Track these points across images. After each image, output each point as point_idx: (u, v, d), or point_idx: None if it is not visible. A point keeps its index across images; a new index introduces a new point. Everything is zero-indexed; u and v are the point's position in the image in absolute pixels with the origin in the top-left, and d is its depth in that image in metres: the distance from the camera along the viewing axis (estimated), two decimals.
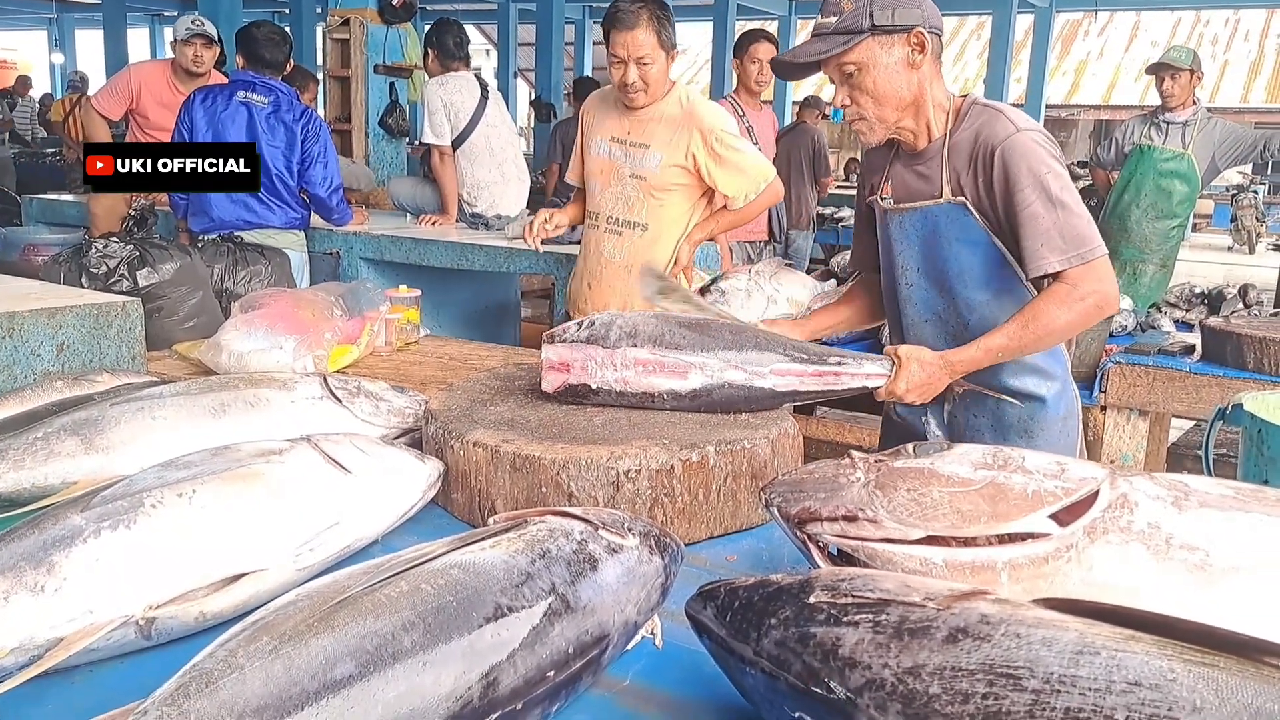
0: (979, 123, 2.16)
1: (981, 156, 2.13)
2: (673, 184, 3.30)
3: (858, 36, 2.07)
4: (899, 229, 2.30)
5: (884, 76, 2.12)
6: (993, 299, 2.22)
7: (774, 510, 1.40)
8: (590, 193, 3.43)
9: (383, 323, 2.91)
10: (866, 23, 2.06)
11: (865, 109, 2.17)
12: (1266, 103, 26.61)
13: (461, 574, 1.09)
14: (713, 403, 1.90)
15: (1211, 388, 3.42)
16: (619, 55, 3.12)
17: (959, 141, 2.18)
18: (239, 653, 0.96)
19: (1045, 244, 2.05)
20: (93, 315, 2.27)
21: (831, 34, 2.09)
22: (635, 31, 3.07)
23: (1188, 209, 5.55)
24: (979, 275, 2.22)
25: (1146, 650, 0.85)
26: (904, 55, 2.11)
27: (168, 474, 1.39)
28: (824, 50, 2.10)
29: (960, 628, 0.92)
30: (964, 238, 2.20)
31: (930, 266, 2.28)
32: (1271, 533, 1.12)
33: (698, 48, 29.23)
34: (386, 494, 1.57)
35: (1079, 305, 2.05)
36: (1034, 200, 2.06)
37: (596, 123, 3.37)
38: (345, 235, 5.22)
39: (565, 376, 1.95)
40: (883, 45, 2.09)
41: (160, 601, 1.25)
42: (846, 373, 2.00)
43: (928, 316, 2.33)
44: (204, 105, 4.49)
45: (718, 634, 1.10)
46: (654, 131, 3.29)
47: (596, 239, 3.41)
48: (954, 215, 2.19)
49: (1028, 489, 1.22)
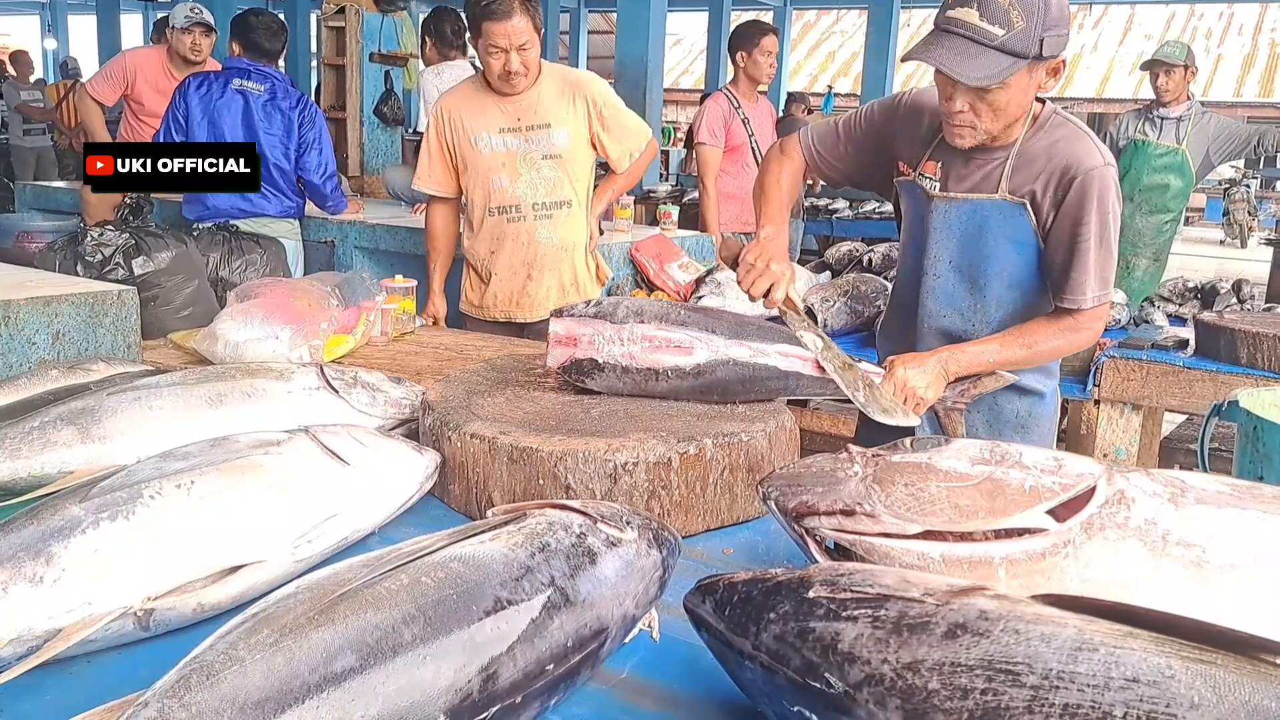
0: (1060, 136, 2.15)
1: (1062, 173, 2.11)
2: (582, 155, 3.40)
3: (1022, 61, 1.96)
4: (942, 217, 2.27)
5: (1018, 97, 2.05)
6: (1021, 298, 2.26)
7: (771, 504, 1.40)
8: (488, 189, 3.35)
9: (378, 313, 2.90)
10: (1035, 49, 1.95)
11: (981, 121, 2.08)
12: (1259, 96, 26.69)
13: (461, 567, 1.09)
14: (716, 381, 1.90)
15: (1205, 382, 3.44)
16: (499, 45, 3.11)
17: (1033, 147, 2.15)
18: (240, 645, 0.96)
19: (1088, 280, 2.11)
20: (88, 304, 2.26)
21: (997, 50, 1.94)
22: (512, 20, 3.08)
23: (1181, 204, 5.56)
24: (1018, 275, 2.24)
25: (1144, 647, 0.86)
26: (1040, 79, 2.05)
27: (166, 465, 1.39)
28: (992, 74, 1.95)
29: (959, 623, 0.92)
30: (1014, 237, 2.20)
31: (965, 260, 2.27)
32: (1268, 530, 1.13)
33: (693, 38, 29.22)
34: (384, 485, 1.57)
35: (1072, 338, 2.17)
36: (1093, 237, 2.09)
37: (468, 121, 3.31)
38: (340, 224, 5.21)
39: (572, 351, 1.95)
40: (1031, 69, 2.01)
41: (159, 593, 1.25)
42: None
43: (948, 311, 2.32)
44: (199, 92, 4.46)
45: (716, 628, 1.11)
46: (547, 110, 3.31)
47: (526, 229, 3.38)
48: (1009, 213, 2.18)
49: (1025, 485, 1.22)
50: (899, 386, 2.04)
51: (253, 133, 4.49)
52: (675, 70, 29.57)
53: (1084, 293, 2.11)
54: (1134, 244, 5.50)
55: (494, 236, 3.40)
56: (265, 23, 4.66)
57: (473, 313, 3.53)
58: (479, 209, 3.38)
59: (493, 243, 3.40)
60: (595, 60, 22.25)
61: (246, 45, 4.60)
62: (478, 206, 3.38)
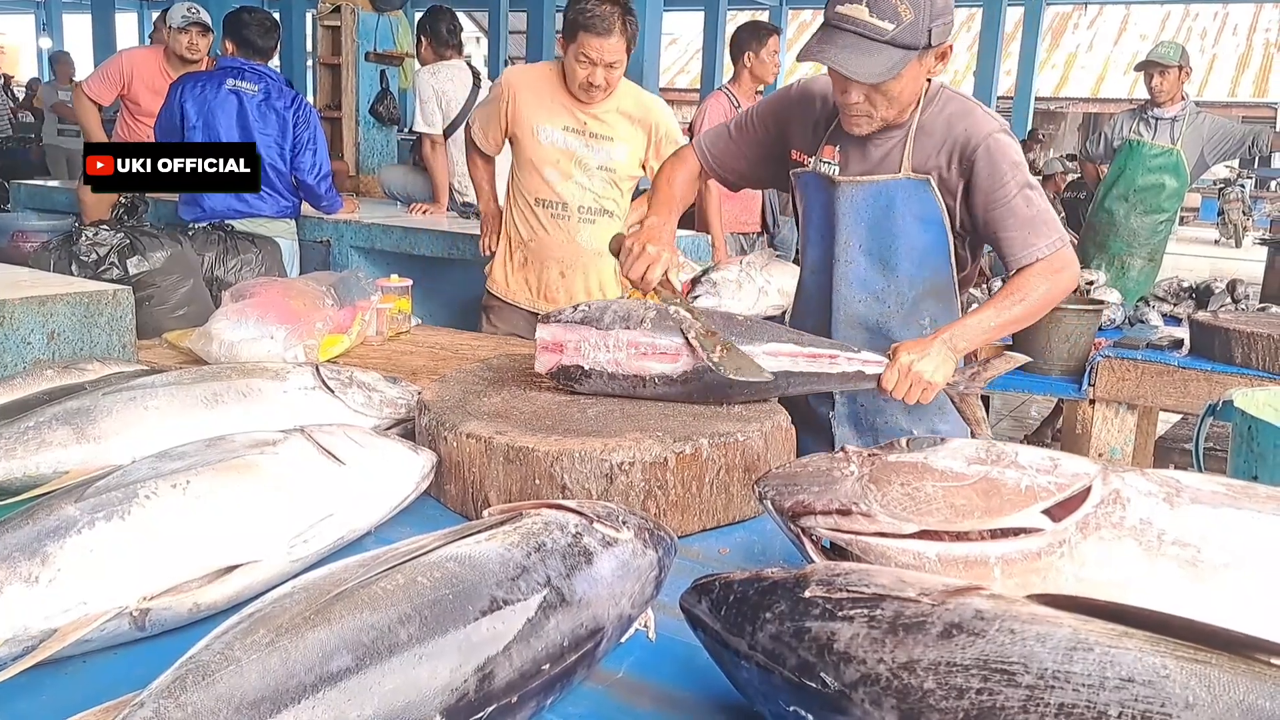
0: (951, 111, 2.19)
1: (962, 147, 2.16)
2: (633, 174, 3.46)
3: (912, 53, 2.00)
4: (848, 202, 2.28)
5: (911, 85, 2.10)
6: (931, 275, 2.28)
7: (767, 504, 1.40)
8: (540, 179, 3.37)
9: (374, 312, 2.90)
10: (924, 40, 1.99)
11: (877, 109, 2.12)
12: (1254, 96, 26.75)
13: (457, 567, 1.09)
14: (704, 386, 1.91)
15: (1199, 382, 3.45)
16: (590, 58, 3.12)
17: (928, 123, 2.19)
18: (235, 645, 0.96)
19: (1033, 232, 2.13)
20: (83, 304, 2.26)
21: (888, 44, 1.97)
22: (611, 38, 3.09)
23: (1176, 204, 5.57)
24: (926, 252, 2.26)
25: (1140, 647, 0.86)
26: (929, 65, 2.09)
27: (162, 464, 1.39)
28: (886, 70, 1.98)
29: (955, 623, 0.93)
30: (921, 214, 2.22)
31: (875, 244, 2.28)
32: (1263, 530, 1.13)
33: (689, 37, 29.23)
34: (380, 485, 1.57)
35: (1056, 278, 2.14)
36: (1017, 194, 2.13)
37: (538, 107, 3.32)
38: (336, 224, 5.20)
39: (558, 358, 1.96)
40: (922, 58, 2.04)
41: (154, 592, 1.25)
42: (844, 356, 2.03)
43: (862, 296, 2.33)
44: (193, 92, 4.45)
45: (712, 628, 1.11)
46: (614, 125, 3.35)
47: (568, 228, 3.41)
48: (915, 191, 2.20)
49: (1021, 484, 1.22)
50: (903, 373, 2.01)
51: (247, 133, 4.48)
52: (671, 70, 29.59)
53: (1033, 244, 2.13)
54: (1129, 244, 5.51)
55: (535, 225, 3.44)
56: (258, 20, 4.66)
57: (497, 291, 3.56)
58: (524, 199, 3.42)
59: (531, 231, 3.44)
60: None
61: (240, 43, 4.60)
62: (522, 195, 3.42)
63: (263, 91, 4.54)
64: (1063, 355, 3.63)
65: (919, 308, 2.31)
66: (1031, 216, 2.13)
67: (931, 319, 2.30)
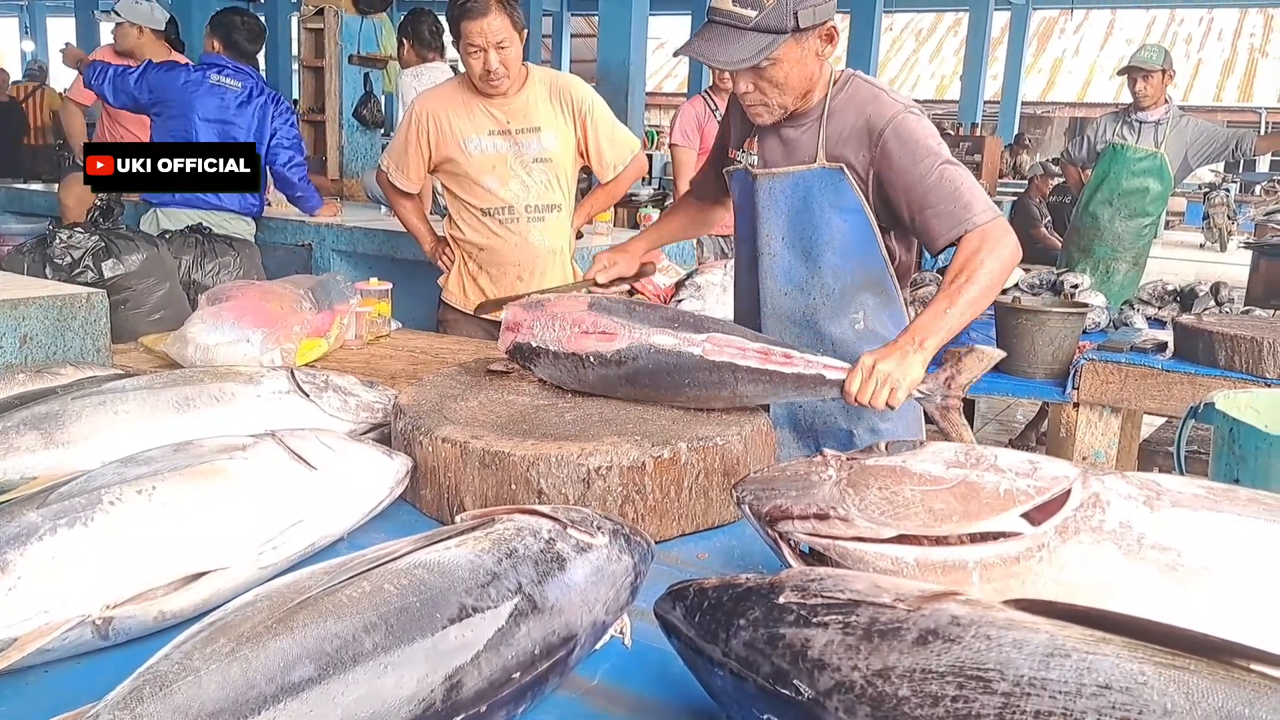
0: (859, 97, 2.18)
1: (869, 133, 2.14)
2: (570, 159, 3.40)
3: (780, 37, 2.02)
4: (767, 195, 2.28)
5: (795, 69, 2.10)
6: (857, 266, 2.25)
7: (745, 508, 1.39)
8: (483, 189, 3.30)
9: (353, 316, 2.88)
10: (790, 23, 2.01)
11: (769, 97, 2.14)
12: (1239, 101, 26.90)
13: (426, 574, 1.07)
14: (641, 370, 1.88)
15: (1183, 385, 3.44)
16: (476, 44, 3.08)
17: (837, 110, 2.18)
18: (195, 655, 0.94)
19: (960, 206, 2.07)
20: (57, 307, 2.23)
21: (752, 30, 2.01)
22: (488, 18, 3.05)
23: (1160, 207, 5.58)
24: (847, 242, 2.23)
25: (1117, 653, 0.84)
26: (815, 47, 2.11)
27: (127, 470, 1.36)
28: (749, 55, 2.02)
29: (930, 629, 0.91)
30: (838, 204, 2.20)
31: (796, 235, 2.27)
32: (1243, 533, 1.12)
33: (676, 42, 29.24)
34: (352, 491, 1.55)
35: (998, 251, 2.04)
36: (936, 170, 2.09)
37: (456, 123, 3.26)
38: (317, 227, 5.17)
39: (515, 336, 2.02)
40: (799, 40, 2.06)
41: (118, 601, 1.23)
42: (800, 358, 1.92)
43: (787, 289, 2.32)
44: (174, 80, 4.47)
45: (686, 634, 1.09)
46: (536, 114, 3.29)
47: (519, 230, 3.34)
48: (829, 180, 2.19)
49: (1000, 488, 1.21)
50: (866, 373, 1.92)
51: (225, 128, 4.51)
52: (658, 74, 29.60)
53: (962, 217, 2.06)
54: (1113, 248, 5.51)
55: (486, 234, 3.36)
56: (247, 24, 4.67)
57: (454, 302, 3.48)
58: (469, 210, 3.34)
59: (483, 239, 3.36)
60: (578, 64, 22.26)
61: (227, 44, 4.60)
62: (467, 208, 3.34)
63: (244, 90, 4.57)
64: (1047, 358, 3.63)
65: (850, 301, 2.28)
66: (954, 192, 2.08)
67: (866, 313, 2.28)
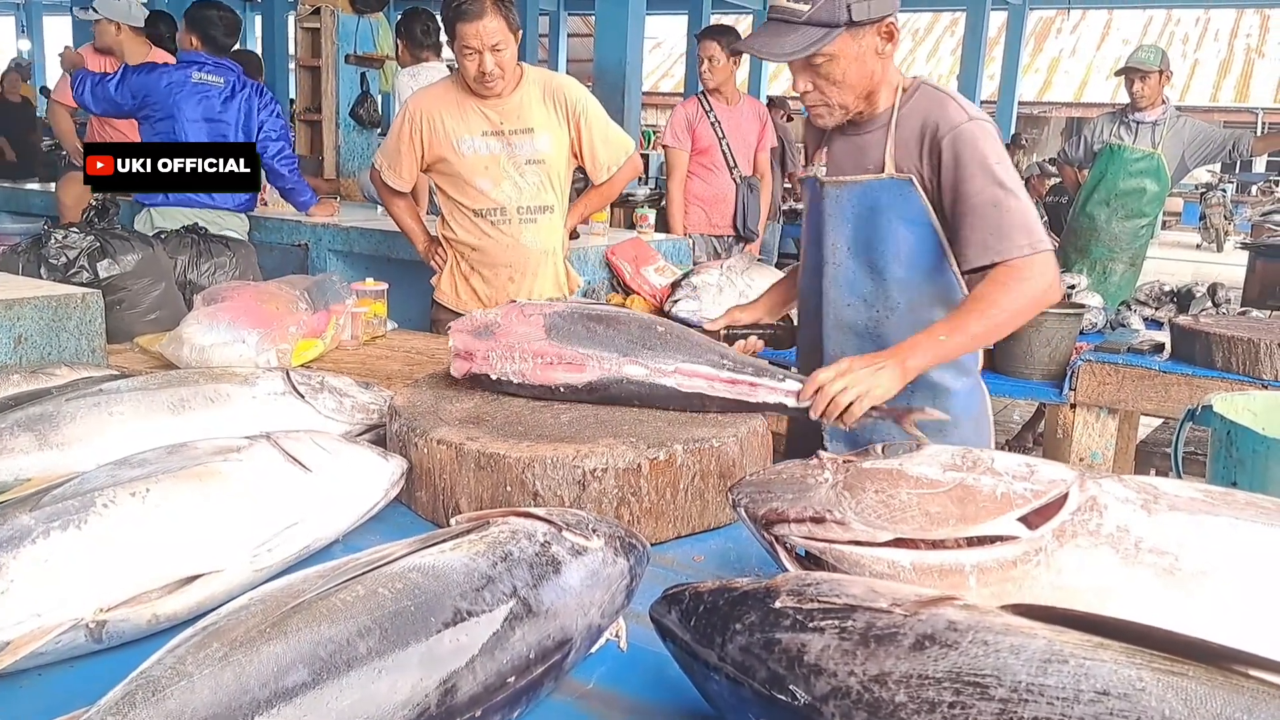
0: (927, 104, 2.14)
1: (930, 140, 2.11)
2: (564, 160, 3.38)
3: (834, 31, 2.01)
4: (834, 204, 2.25)
5: (853, 67, 2.09)
6: (924, 281, 2.20)
7: (741, 511, 1.38)
8: (475, 190, 3.29)
9: (348, 316, 2.87)
10: (844, 16, 2.00)
11: (829, 96, 2.13)
12: (1235, 101, 26.93)
13: (420, 577, 1.06)
14: (612, 397, 1.89)
15: (1180, 386, 3.44)
16: (472, 46, 3.06)
17: (905, 118, 2.15)
18: (188, 660, 0.93)
19: (994, 234, 2.02)
20: (51, 307, 2.22)
21: (805, 24, 2.01)
22: (484, 20, 3.02)
23: (1157, 208, 5.58)
24: (914, 255, 2.19)
25: (1115, 659, 0.84)
26: (874, 44, 2.09)
27: (121, 472, 1.36)
28: (800, 48, 2.02)
29: (927, 634, 0.91)
30: (905, 216, 2.17)
31: (862, 246, 2.23)
32: (1241, 537, 1.11)
33: (672, 41, 29.25)
34: (348, 493, 1.54)
35: (1025, 294, 2.00)
36: (983, 190, 2.03)
37: (449, 123, 3.25)
38: (314, 227, 5.16)
39: (469, 365, 1.96)
40: (855, 36, 2.05)
41: (112, 604, 1.22)
42: (764, 385, 1.89)
43: (851, 300, 2.28)
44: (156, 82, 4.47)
45: (682, 639, 1.08)
46: (530, 115, 3.27)
47: (512, 232, 3.33)
48: (897, 191, 2.16)
49: (996, 491, 1.21)
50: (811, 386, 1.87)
51: (214, 126, 4.55)
52: (655, 74, 29.60)
53: (992, 246, 2.01)
54: (1110, 248, 5.51)
55: (479, 234, 3.35)
56: (224, 18, 4.69)
57: (447, 302, 3.47)
58: (462, 211, 3.33)
59: (476, 240, 3.35)
60: (574, 63, 22.24)
61: (204, 39, 4.62)
62: (459, 208, 3.33)
63: (227, 85, 4.60)
64: (1044, 359, 3.62)
65: (917, 315, 2.19)
66: (996, 219, 2.02)
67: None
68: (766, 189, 5.69)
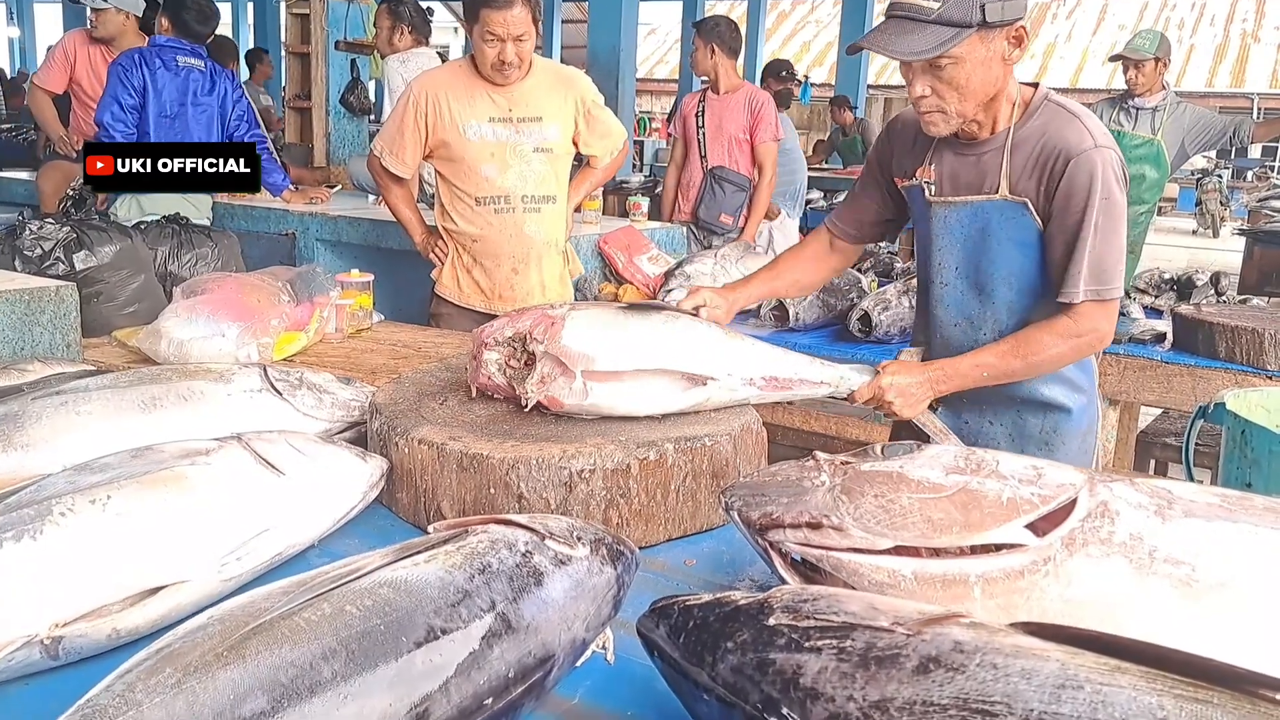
0: (1051, 122, 2.02)
1: (1050, 161, 2.00)
2: (568, 150, 3.37)
3: (965, 31, 1.88)
4: (942, 224, 2.15)
5: (978, 72, 1.94)
6: (1034, 304, 2.12)
7: (734, 515, 1.32)
8: (475, 178, 3.23)
9: (333, 309, 2.80)
10: (977, 16, 1.87)
11: (948, 102, 1.98)
12: (1231, 87, 26.89)
13: (391, 593, 1.00)
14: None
15: (1183, 377, 3.38)
16: (497, 34, 3.02)
17: (1025, 137, 2.03)
18: (138, 686, 0.87)
19: (1067, 274, 1.99)
20: (24, 301, 2.16)
21: (934, 23, 1.87)
22: (513, 10, 2.99)
23: (1156, 195, 5.50)
24: (1026, 279, 2.10)
25: (1134, 684, 0.78)
26: (1001, 50, 1.95)
27: (81, 478, 1.29)
28: (928, 48, 1.88)
29: (932, 656, 0.85)
30: (1017, 238, 2.07)
31: (971, 267, 2.15)
32: (1261, 545, 1.05)
33: (667, 27, 29.14)
34: (323, 497, 1.48)
35: (1075, 341, 2.01)
36: (1089, 225, 1.97)
37: (456, 106, 3.19)
38: (301, 216, 5.08)
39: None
40: (985, 39, 1.91)
41: (68, 619, 1.16)
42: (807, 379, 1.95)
43: (958, 320, 2.21)
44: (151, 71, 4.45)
45: (671, 656, 1.02)
46: (540, 103, 3.24)
47: (515, 221, 3.27)
48: (1010, 213, 2.06)
49: (1002, 496, 1.15)
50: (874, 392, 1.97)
51: (199, 109, 4.60)
52: (649, 60, 29.50)
53: (1074, 285, 1.97)
54: None
55: (479, 226, 3.28)
56: (198, 4, 4.65)
57: (448, 295, 3.40)
58: (464, 198, 3.26)
59: (478, 230, 3.29)
60: (569, 50, 22.11)
61: (177, 25, 4.59)
62: (462, 195, 3.26)
63: (206, 69, 4.64)
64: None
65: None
66: (1072, 256, 1.98)
67: None
68: (765, 183, 5.51)
